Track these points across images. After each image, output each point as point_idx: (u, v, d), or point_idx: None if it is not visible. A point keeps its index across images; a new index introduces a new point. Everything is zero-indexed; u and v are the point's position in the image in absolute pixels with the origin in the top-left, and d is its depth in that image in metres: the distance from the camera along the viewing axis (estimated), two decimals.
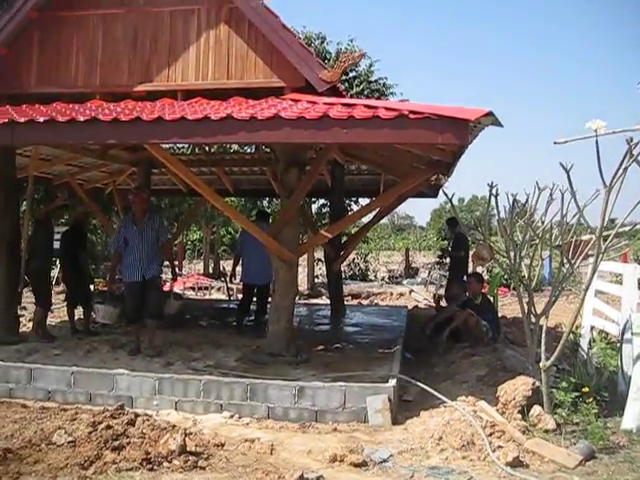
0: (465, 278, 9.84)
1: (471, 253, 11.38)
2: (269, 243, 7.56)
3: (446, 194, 7.01)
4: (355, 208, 19.63)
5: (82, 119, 6.31)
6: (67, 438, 5.56)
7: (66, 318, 10.03)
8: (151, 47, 7.99)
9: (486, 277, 14.32)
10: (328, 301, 14.22)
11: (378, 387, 6.45)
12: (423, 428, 6.07)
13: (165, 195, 16.48)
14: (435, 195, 12.78)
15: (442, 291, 17.25)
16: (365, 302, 17.00)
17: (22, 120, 6.48)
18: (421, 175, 8.24)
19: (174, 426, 5.92)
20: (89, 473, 4.99)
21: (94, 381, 6.89)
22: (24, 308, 10.00)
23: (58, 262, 9.69)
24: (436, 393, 6.62)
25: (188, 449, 5.35)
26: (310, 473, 4.97)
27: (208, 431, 5.99)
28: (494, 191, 6.41)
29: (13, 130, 6.53)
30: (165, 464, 5.16)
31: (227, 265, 27.36)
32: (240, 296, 15.02)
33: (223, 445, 5.64)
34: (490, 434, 5.77)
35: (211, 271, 24.21)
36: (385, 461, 5.40)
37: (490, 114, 5.79)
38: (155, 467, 5.11)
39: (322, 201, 19.98)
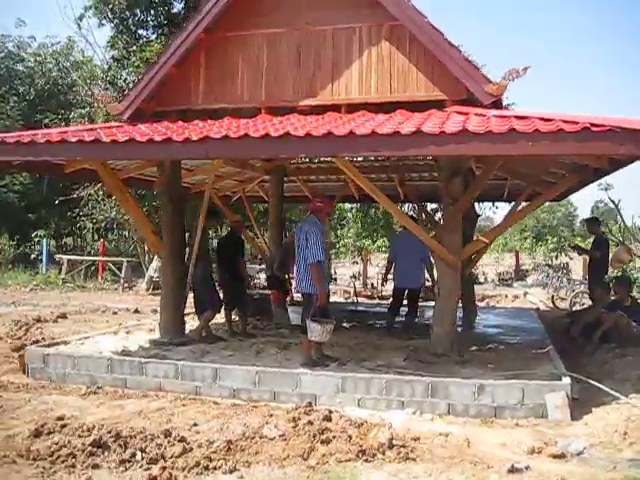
0: (612, 282, 10.00)
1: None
2: (436, 248, 7.93)
3: (612, 200, 7.24)
4: None
5: (275, 134, 6.72)
6: (277, 432, 5.99)
7: (221, 321, 10.61)
8: (315, 64, 8.46)
9: None
10: None
11: (556, 384, 6.72)
12: (604, 423, 6.30)
13: (293, 202, 17.03)
14: (560, 199, 12.93)
15: (562, 293, 17.41)
16: (481, 304, 17.21)
17: (217, 136, 6.96)
18: (571, 181, 8.46)
19: (366, 421, 6.33)
20: (312, 463, 5.35)
21: (278, 380, 7.28)
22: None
23: (216, 267, 10.17)
24: (612, 391, 6.85)
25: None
26: (517, 464, 5.28)
27: (399, 426, 6.35)
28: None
29: (208, 145, 6.98)
30: (379, 456, 5.51)
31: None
32: (361, 300, 15.76)
33: (418, 439, 5.95)
34: None
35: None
36: (581, 453, 5.61)
37: None
38: (370, 459, 5.45)
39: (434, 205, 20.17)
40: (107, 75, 20.14)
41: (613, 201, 7.58)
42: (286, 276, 11.82)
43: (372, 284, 20.98)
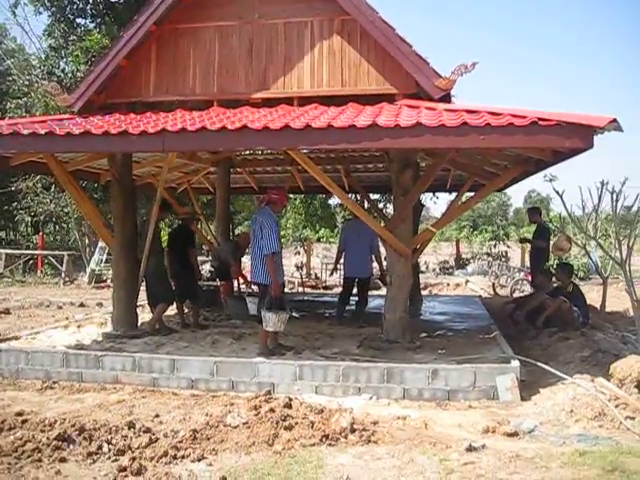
0: (554, 269, 10.46)
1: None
2: (388, 238, 8.14)
3: (557, 191, 7.57)
4: None
5: (232, 127, 6.81)
6: (240, 420, 6.09)
7: (171, 313, 10.60)
8: (267, 57, 8.57)
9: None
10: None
11: (506, 367, 7.02)
12: (552, 402, 6.61)
13: (238, 193, 17.09)
14: (501, 190, 13.38)
15: (503, 280, 17.99)
16: (424, 292, 17.61)
17: (174, 129, 6.98)
18: (515, 172, 8.77)
19: (325, 407, 6.47)
20: (278, 449, 5.48)
21: (236, 369, 7.37)
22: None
23: (166, 259, 10.15)
24: (558, 372, 7.19)
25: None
26: (474, 443, 5.53)
27: (357, 411, 6.54)
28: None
29: (164, 138, 7.01)
30: (342, 440, 5.68)
31: None
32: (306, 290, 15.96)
33: (377, 423, 6.14)
34: (616, 406, 6.32)
35: None
36: (532, 431, 5.93)
37: (615, 121, 6.31)
38: (333, 443, 5.62)
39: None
40: (45, 65, 19.73)
41: (557, 192, 7.98)
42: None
43: (315, 274, 21.24)
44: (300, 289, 16.16)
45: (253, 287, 10.65)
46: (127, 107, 8.94)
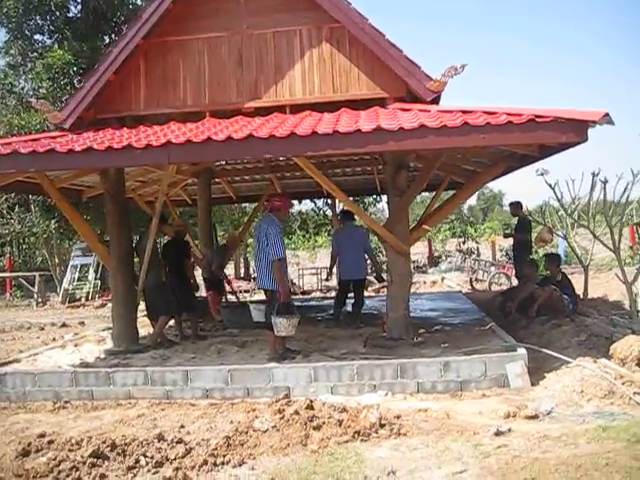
0: (545, 260, 10.85)
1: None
2: (389, 238, 8.34)
3: (549, 184, 7.86)
4: None
5: (237, 137, 6.89)
6: (269, 424, 6.20)
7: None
8: (257, 66, 8.71)
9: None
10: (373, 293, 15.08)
11: (514, 355, 7.27)
12: (562, 385, 6.88)
13: (217, 203, 17.09)
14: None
15: (480, 275, 18.41)
16: None
17: (179, 141, 7.03)
18: (500, 168, 9.05)
19: (346, 406, 6.64)
20: (314, 448, 5.60)
21: (251, 376, 7.44)
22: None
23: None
24: (563, 356, 7.48)
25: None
26: (500, 427, 5.73)
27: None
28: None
29: (169, 151, 7.06)
30: (373, 435, 5.84)
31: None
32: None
33: (400, 417, 6.29)
34: (622, 384, 6.61)
35: (242, 274, 25.10)
36: (550, 412, 6.19)
37: (607, 115, 6.61)
38: (365, 438, 5.76)
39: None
40: (3, 83, 19.40)
41: (550, 185, 8.27)
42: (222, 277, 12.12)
43: (291, 280, 21.35)
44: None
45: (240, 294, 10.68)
46: (117, 122, 8.97)
